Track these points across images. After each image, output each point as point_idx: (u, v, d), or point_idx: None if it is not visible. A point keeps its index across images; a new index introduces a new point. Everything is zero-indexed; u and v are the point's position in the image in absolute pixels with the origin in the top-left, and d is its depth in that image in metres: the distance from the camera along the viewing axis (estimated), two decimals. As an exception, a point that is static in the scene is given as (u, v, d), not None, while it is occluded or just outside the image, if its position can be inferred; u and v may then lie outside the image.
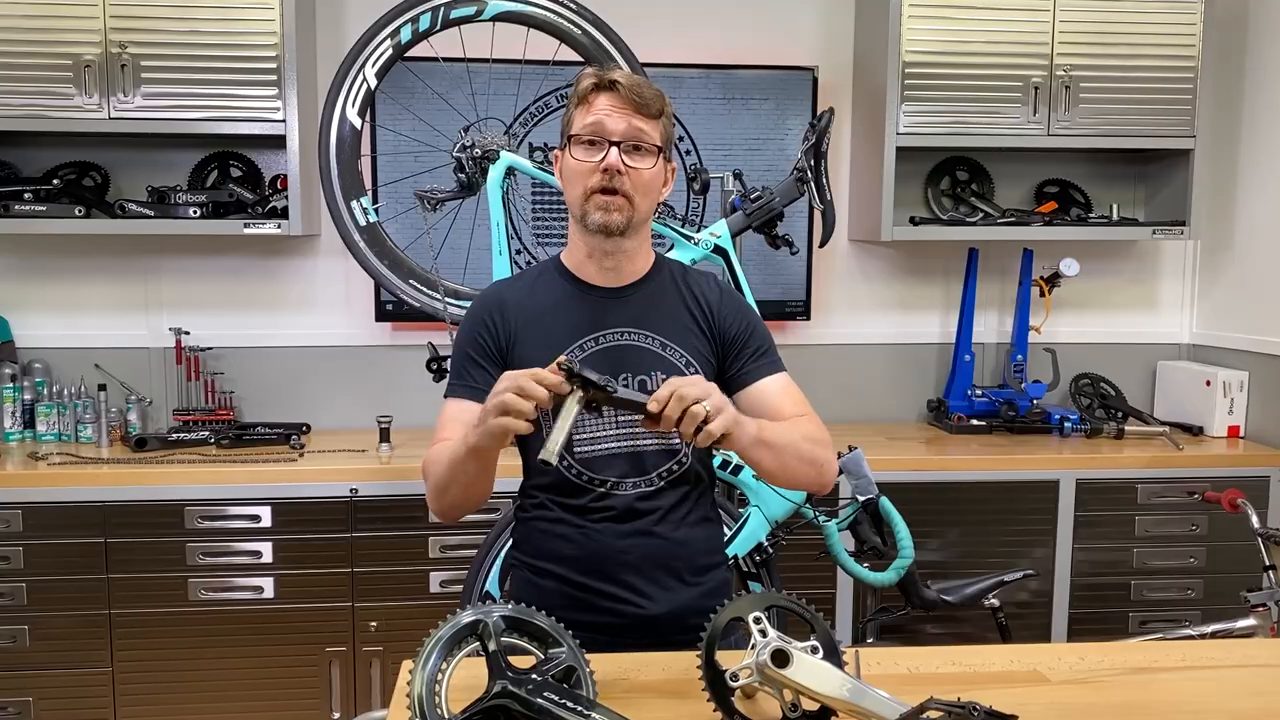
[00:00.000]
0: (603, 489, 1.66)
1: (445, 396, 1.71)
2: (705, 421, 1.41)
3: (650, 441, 1.67)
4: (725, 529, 2.21)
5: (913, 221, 3.47)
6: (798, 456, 1.60)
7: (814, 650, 1.26)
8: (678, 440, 1.68)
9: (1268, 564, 2.61)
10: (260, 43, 3.02)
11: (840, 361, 3.58)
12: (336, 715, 2.95)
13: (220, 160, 3.33)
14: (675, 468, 1.69)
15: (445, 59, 2.96)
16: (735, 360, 1.71)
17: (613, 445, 1.66)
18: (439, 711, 1.17)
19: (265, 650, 2.92)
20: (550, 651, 1.26)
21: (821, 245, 2.78)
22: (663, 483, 1.68)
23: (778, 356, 1.75)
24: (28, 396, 3.25)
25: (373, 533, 2.93)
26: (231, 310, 3.42)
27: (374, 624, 2.95)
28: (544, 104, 3.30)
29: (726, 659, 1.29)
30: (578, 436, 1.65)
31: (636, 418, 1.50)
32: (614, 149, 1.61)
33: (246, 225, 3.11)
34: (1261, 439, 3.39)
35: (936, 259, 3.66)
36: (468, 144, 2.57)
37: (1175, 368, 3.68)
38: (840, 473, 1.71)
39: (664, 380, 1.48)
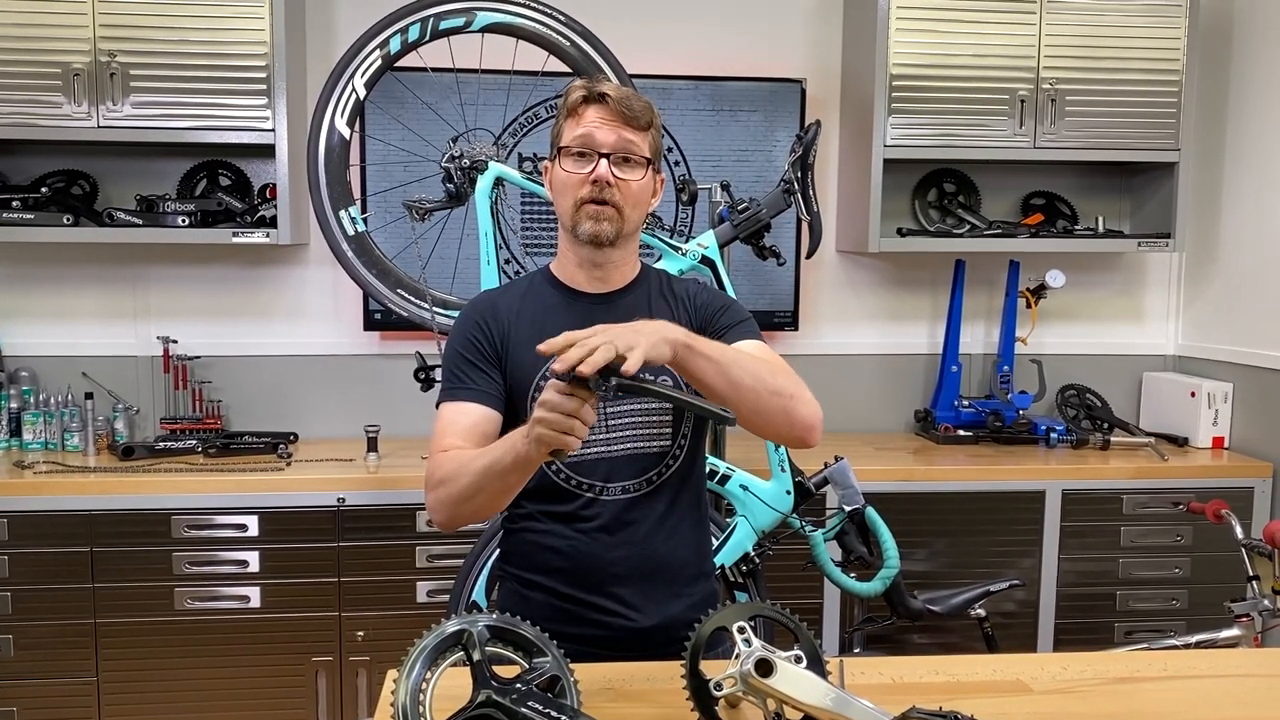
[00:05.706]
0: (590, 494, 1.66)
1: (439, 403, 1.69)
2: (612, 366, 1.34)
3: (639, 445, 1.67)
4: (713, 539, 2.22)
5: (900, 233, 3.48)
6: (757, 390, 1.50)
7: (798, 660, 1.27)
8: (669, 442, 1.69)
9: (1251, 574, 2.62)
10: (250, 52, 3.03)
11: (827, 372, 3.58)
12: (323, 725, 2.95)
13: (209, 169, 3.32)
14: (664, 470, 1.69)
15: (434, 69, 2.97)
16: (712, 335, 1.65)
17: (601, 449, 1.67)
18: (423, 721, 1.17)
19: (251, 660, 2.91)
20: (535, 661, 1.27)
21: (809, 256, 2.80)
22: (650, 487, 1.68)
23: (757, 330, 1.71)
24: (14, 405, 3.24)
25: (360, 542, 2.93)
26: (219, 319, 3.41)
27: (361, 633, 2.94)
28: (533, 115, 3.31)
29: (711, 669, 1.30)
30: None
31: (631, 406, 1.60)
32: (603, 160, 1.63)
33: (235, 234, 3.11)
34: (1246, 450, 3.41)
35: (923, 270, 3.67)
36: (456, 154, 2.58)
37: (1160, 379, 3.70)
38: (821, 433, 1.62)
39: (660, 380, 1.54)
